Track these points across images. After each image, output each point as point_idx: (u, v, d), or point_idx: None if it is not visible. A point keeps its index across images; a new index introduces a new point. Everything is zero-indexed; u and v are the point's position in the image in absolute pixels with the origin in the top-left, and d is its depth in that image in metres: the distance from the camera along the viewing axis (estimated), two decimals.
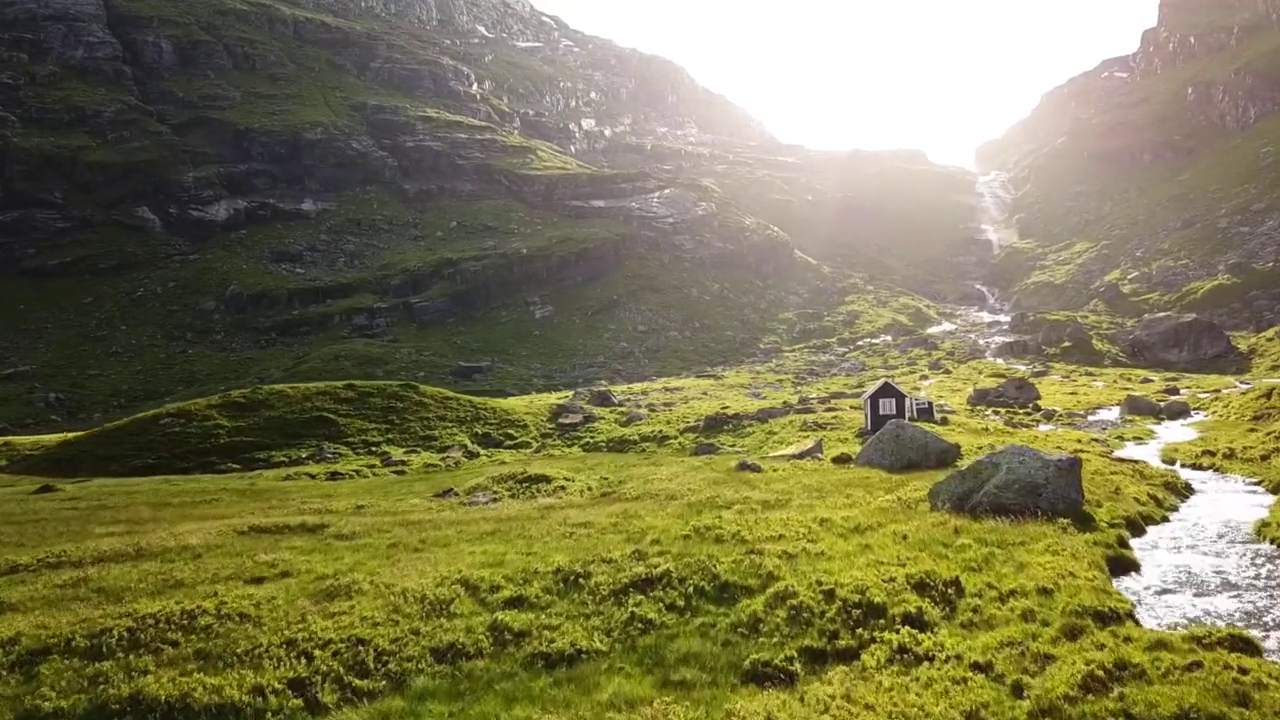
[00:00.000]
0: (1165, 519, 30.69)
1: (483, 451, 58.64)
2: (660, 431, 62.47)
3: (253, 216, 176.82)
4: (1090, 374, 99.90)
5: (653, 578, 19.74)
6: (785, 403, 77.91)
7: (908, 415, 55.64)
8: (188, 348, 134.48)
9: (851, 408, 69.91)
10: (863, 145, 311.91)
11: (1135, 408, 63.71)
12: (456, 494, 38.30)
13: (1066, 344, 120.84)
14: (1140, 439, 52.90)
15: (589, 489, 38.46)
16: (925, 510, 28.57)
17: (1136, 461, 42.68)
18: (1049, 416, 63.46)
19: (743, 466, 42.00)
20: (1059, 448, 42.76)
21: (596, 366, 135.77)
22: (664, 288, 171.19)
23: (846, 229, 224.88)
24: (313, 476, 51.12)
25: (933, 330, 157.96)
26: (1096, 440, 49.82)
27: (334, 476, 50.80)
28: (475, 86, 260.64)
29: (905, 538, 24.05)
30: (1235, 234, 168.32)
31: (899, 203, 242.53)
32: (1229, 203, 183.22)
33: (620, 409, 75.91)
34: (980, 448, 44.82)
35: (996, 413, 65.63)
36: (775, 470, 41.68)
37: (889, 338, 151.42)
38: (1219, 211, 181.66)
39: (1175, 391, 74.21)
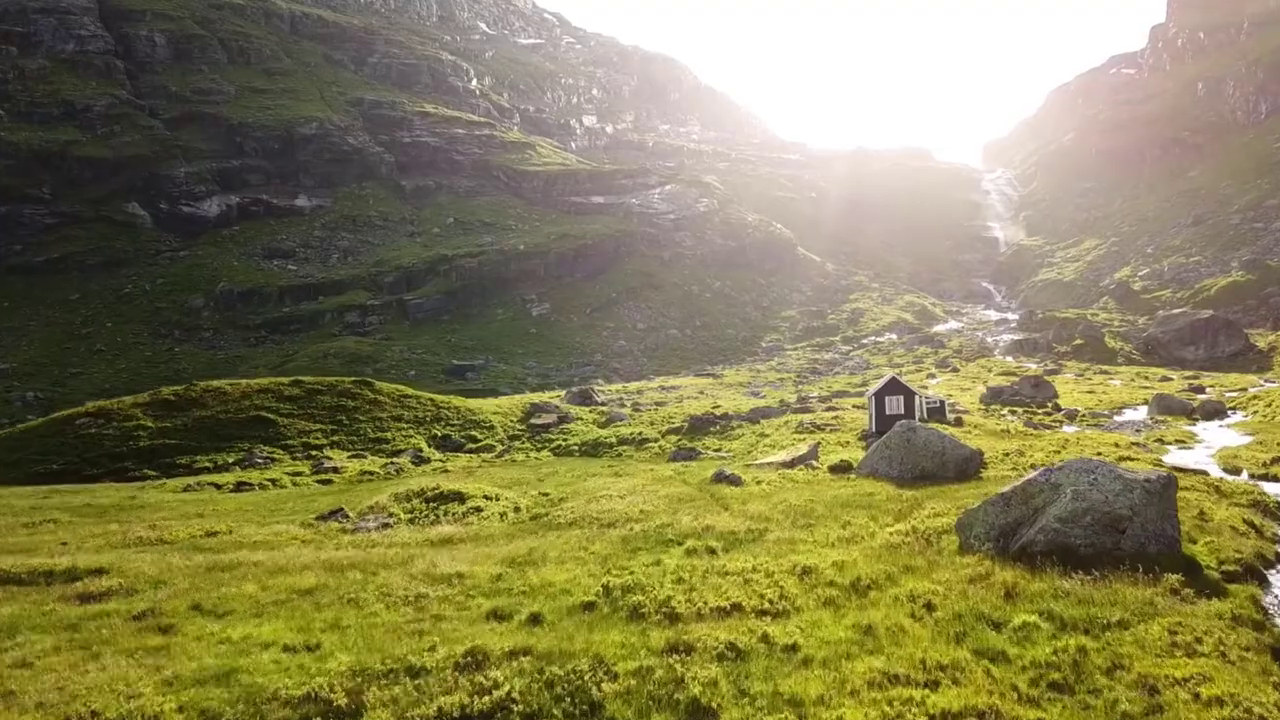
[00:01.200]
0: None
1: (438, 456, 53.79)
2: (640, 434, 57.87)
3: (245, 213, 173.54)
4: (1105, 372, 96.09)
5: None
6: (782, 401, 73.71)
7: (917, 415, 50.64)
8: (174, 346, 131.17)
9: (855, 407, 64.96)
10: (868, 143, 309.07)
11: (1166, 407, 58.91)
12: (347, 516, 32.81)
13: (1078, 342, 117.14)
14: (1183, 442, 47.60)
15: (517, 510, 32.94)
16: (953, 549, 21.92)
17: (1200, 472, 35.71)
18: (1071, 417, 58.72)
19: (719, 478, 37.22)
20: (1099, 453, 38.29)
21: (594, 365, 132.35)
22: (664, 285, 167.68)
23: (851, 226, 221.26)
24: (219, 487, 46.26)
25: (939, 328, 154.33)
26: (1137, 445, 44.43)
27: (241, 488, 45.91)
28: (475, 82, 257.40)
29: (930, 608, 17.00)
30: (1248, 230, 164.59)
31: (904, 200, 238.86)
32: (1241, 199, 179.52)
33: (602, 408, 71.82)
34: (1006, 454, 39.78)
35: (1013, 412, 60.95)
36: (758, 483, 36.59)
37: (894, 336, 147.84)
38: (1231, 208, 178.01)
39: (1201, 390, 69.52)
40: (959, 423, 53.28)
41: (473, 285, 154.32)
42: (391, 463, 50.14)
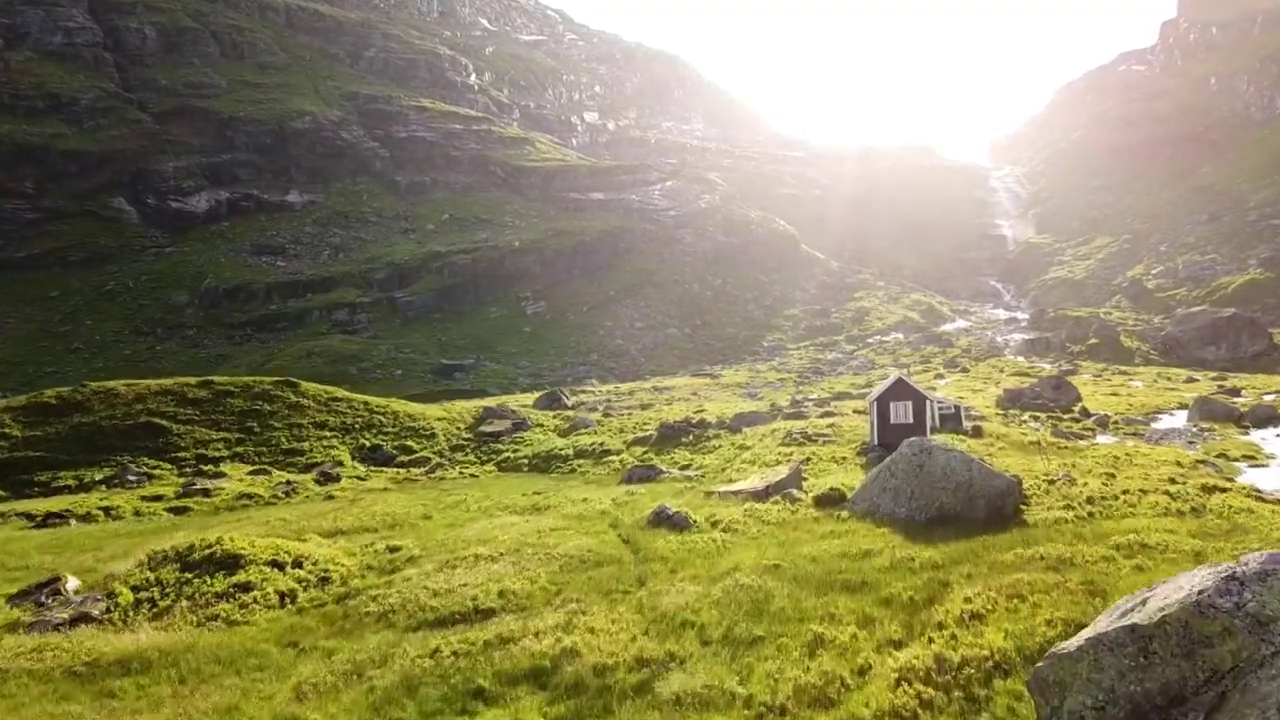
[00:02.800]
0: None
1: (359, 471, 47.00)
2: (601, 445, 51.36)
3: (235, 208, 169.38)
4: (1124, 373, 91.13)
5: None
6: (773, 406, 66.49)
7: (928, 424, 42.78)
8: (156, 344, 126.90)
9: (855, 412, 57.79)
10: (873, 140, 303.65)
11: (1209, 412, 51.88)
12: (57, 594, 23.58)
13: (1093, 341, 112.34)
14: (1252, 458, 39.99)
15: (324, 582, 23.77)
16: None
17: None
18: (1103, 424, 51.76)
19: (660, 519, 28.15)
20: (1149, 475, 31.91)
21: (589, 365, 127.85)
22: (664, 283, 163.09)
23: (856, 224, 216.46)
24: (33, 518, 38.47)
25: (947, 327, 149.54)
26: (1202, 463, 36.68)
27: (49, 522, 37.55)
28: (474, 77, 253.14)
29: None
30: (1265, 227, 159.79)
31: (910, 198, 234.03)
32: (1257, 195, 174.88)
33: (569, 413, 65.76)
34: (1050, 481, 31.06)
35: (1035, 418, 54.03)
36: (712, 524, 27.68)
37: (900, 335, 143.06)
38: (1247, 204, 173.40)
39: (1236, 393, 63.09)
40: (977, 432, 46.68)
41: (466, 283, 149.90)
42: (288, 483, 42.30)
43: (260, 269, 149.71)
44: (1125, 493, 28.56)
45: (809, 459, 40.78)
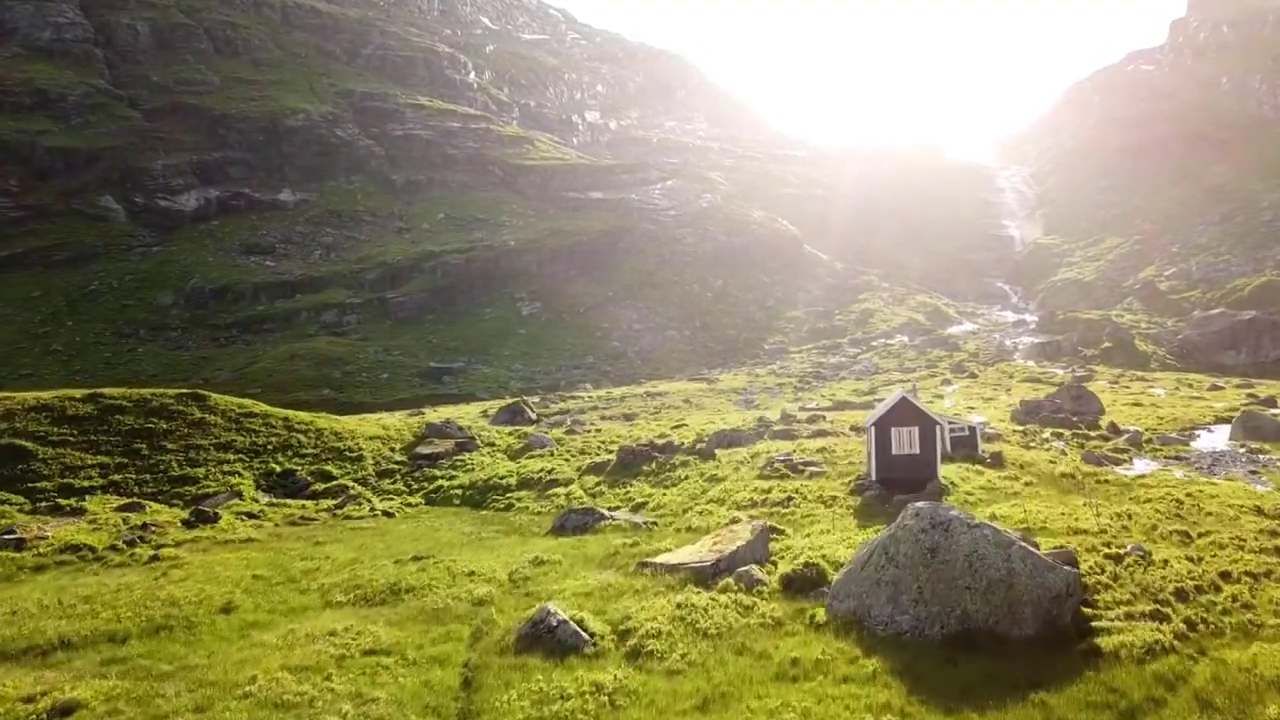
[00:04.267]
0: None
1: (260, 503, 40.30)
2: (549, 471, 44.62)
3: (225, 207, 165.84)
4: (1142, 379, 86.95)
5: None
6: (761, 420, 58.73)
7: (939, 453, 35.94)
8: (138, 346, 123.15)
9: (853, 430, 51.13)
10: (878, 139, 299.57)
11: (1255, 429, 45.26)
12: None
13: (1106, 345, 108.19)
14: None
15: None
16: None
17: None
18: (1136, 444, 45.43)
19: (536, 634, 19.32)
20: (1240, 535, 25.45)
21: (585, 368, 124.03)
22: (663, 284, 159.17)
23: (860, 225, 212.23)
24: None
25: (953, 330, 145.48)
26: None
27: None
28: (473, 76, 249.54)
29: None
30: None
31: (915, 198, 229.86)
32: (1271, 195, 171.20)
33: (528, 428, 59.97)
34: (1115, 559, 22.84)
35: (1058, 435, 47.98)
36: (606, 656, 18.57)
37: (905, 338, 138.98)
38: (1261, 204, 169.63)
39: (1273, 403, 57.57)
40: (997, 460, 39.91)
41: (460, 283, 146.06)
42: (145, 526, 33.51)
43: (248, 269, 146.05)
44: (1226, 576, 21.60)
45: (790, 499, 34.59)
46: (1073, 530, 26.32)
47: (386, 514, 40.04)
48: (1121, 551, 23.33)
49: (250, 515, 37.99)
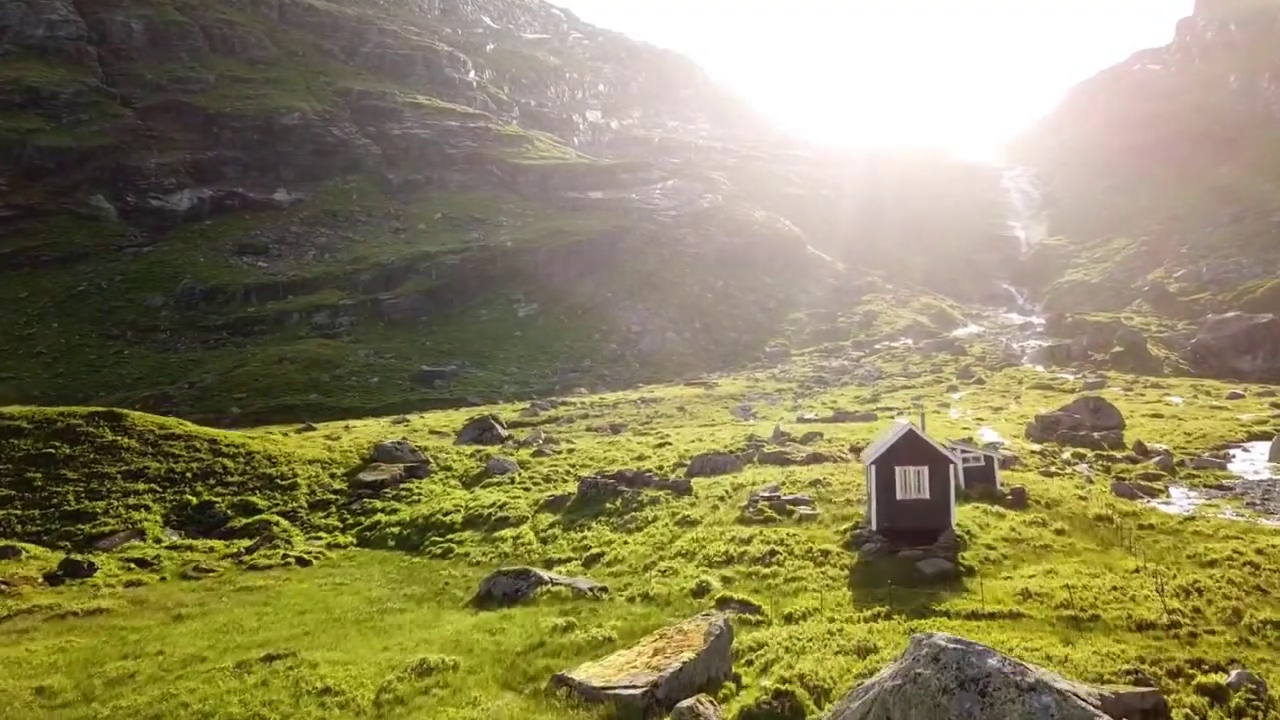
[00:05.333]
0: None
1: (162, 544, 35.17)
2: (501, 507, 39.51)
3: (219, 206, 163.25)
4: (1158, 386, 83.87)
5: None
6: (751, 439, 52.61)
7: (953, 497, 30.61)
8: (124, 348, 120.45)
9: (853, 450, 46.23)
10: (882, 139, 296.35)
11: None
12: None
13: (1117, 349, 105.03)
14: None
15: None
16: None
17: None
18: (1167, 467, 40.81)
19: None
20: None
21: (581, 371, 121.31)
22: (663, 285, 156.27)
23: (864, 225, 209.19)
24: None
25: (958, 332, 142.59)
26: None
27: None
28: (473, 74, 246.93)
29: None
30: None
31: (919, 198, 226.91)
32: None
33: (491, 448, 54.74)
34: (1215, 693, 17.19)
35: (1080, 456, 43.13)
36: None
37: (910, 340, 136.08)
38: (1271, 205, 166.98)
39: None
40: (1019, 498, 34.93)
41: (455, 284, 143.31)
42: (2, 582, 28.69)
43: (240, 270, 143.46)
44: None
45: (773, 553, 29.89)
46: (1134, 622, 21.05)
47: (301, 561, 35.02)
48: (1223, 683, 17.00)
49: (141, 563, 33.26)
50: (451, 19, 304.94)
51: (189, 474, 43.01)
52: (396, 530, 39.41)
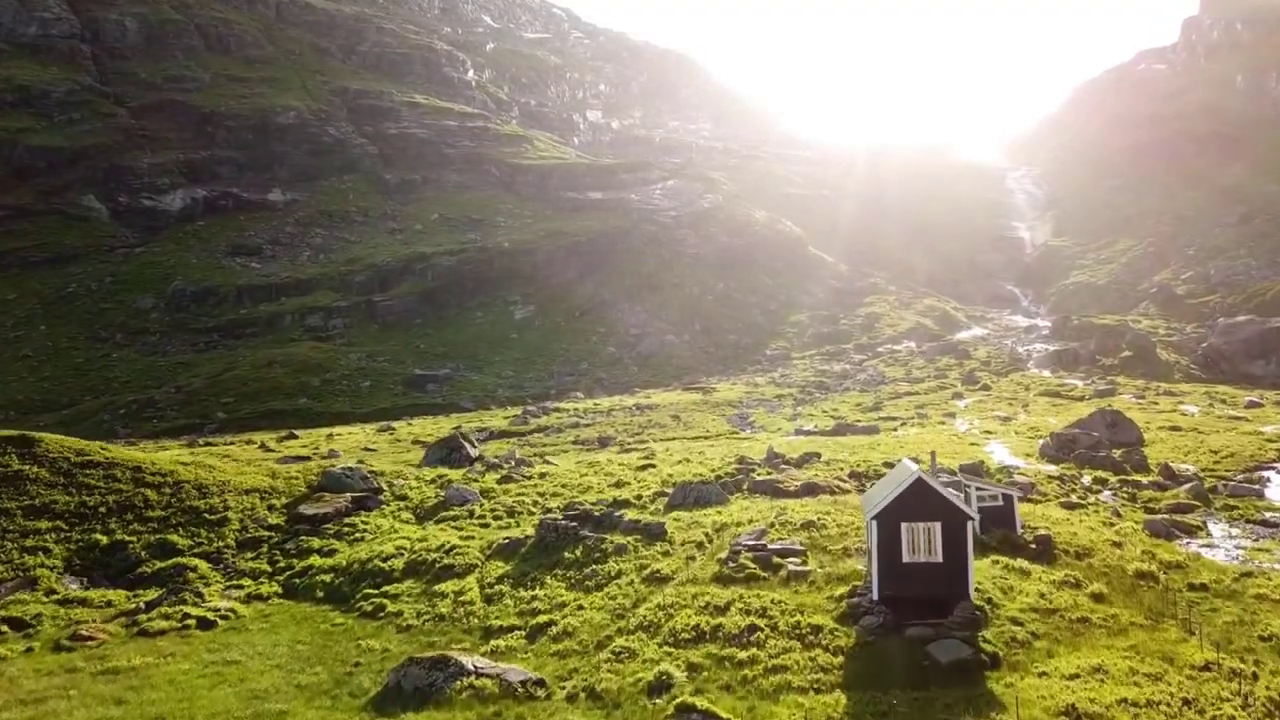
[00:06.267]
0: None
1: (54, 599, 30.85)
2: (452, 551, 35.11)
3: (212, 206, 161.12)
4: (1170, 393, 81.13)
5: None
6: (741, 462, 48.51)
7: (970, 556, 26.06)
8: (113, 351, 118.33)
9: (854, 477, 42.58)
10: (885, 139, 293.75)
11: None
12: None
13: (1126, 354, 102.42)
14: None
15: None
16: None
17: None
18: (1200, 495, 36.99)
19: None
20: None
21: (578, 374, 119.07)
22: (662, 286, 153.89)
23: (867, 226, 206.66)
24: None
25: (962, 335, 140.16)
26: None
27: None
28: (472, 74, 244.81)
29: None
30: None
31: (922, 199, 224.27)
32: None
33: (455, 472, 50.89)
34: None
35: (1102, 483, 39.68)
36: None
37: (913, 344, 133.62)
38: (1279, 206, 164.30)
39: None
40: (1044, 548, 30.67)
41: (450, 285, 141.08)
42: None
43: (232, 270, 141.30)
44: None
45: (752, 629, 25.81)
46: None
47: (203, 623, 30.83)
48: None
49: (16, 624, 28.99)
50: (451, 18, 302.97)
51: (103, 508, 38.82)
52: (328, 579, 35.46)
